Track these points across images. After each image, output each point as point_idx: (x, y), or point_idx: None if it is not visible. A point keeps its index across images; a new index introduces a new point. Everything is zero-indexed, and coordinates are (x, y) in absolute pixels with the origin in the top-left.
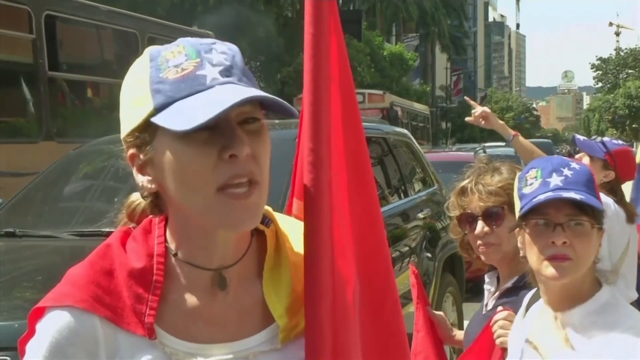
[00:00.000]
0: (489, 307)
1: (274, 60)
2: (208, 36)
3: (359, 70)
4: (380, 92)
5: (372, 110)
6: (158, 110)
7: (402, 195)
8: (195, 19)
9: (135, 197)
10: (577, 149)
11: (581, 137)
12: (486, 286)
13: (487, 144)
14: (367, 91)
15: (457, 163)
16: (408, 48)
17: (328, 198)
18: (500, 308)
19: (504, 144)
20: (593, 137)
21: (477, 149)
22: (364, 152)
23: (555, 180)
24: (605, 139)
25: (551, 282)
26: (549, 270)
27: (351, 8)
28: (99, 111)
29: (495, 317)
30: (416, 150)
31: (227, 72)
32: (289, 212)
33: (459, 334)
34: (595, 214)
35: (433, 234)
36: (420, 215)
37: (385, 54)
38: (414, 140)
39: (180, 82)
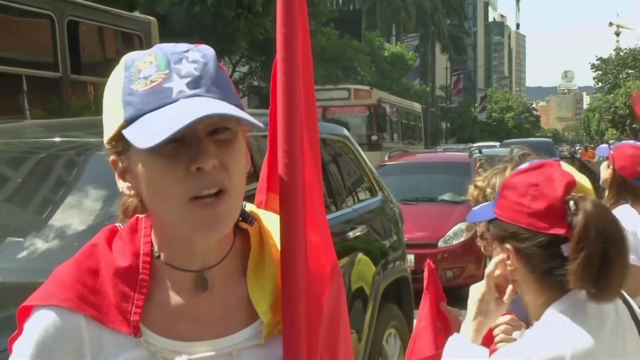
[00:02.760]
0: None
1: (274, 60)
2: (148, 22)
3: (359, 70)
4: (367, 87)
5: (358, 108)
6: (128, 122)
7: (328, 209)
8: (195, 19)
9: None
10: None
11: (604, 146)
12: None
13: (480, 144)
14: (352, 87)
15: (445, 164)
16: (408, 48)
17: (302, 198)
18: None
19: (497, 144)
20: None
21: (472, 149)
22: (319, 152)
23: None
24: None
25: None
26: None
27: (351, 8)
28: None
29: (497, 321)
30: (356, 154)
31: (195, 83)
32: (265, 207)
33: None
34: (490, 228)
35: (369, 256)
36: (351, 234)
37: (386, 54)
38: (354, 141)
39: (148, 94)
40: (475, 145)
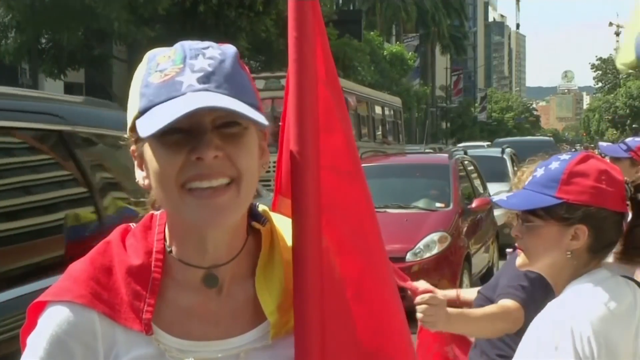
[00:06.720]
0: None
1: (274, 60)
2: None
3: (359, 70)
4: None
5: None
6: (141, 113)
7: None
8: (197, 18)
9: None
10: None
11: (604, 144)
12: None
13: (466, 144)
14: None
15: (422, 167)
16: (408, 48)
17: (314, 199)
18: (423, 287)
19: (485, 144)
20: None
21: (454, 150)
22: (357, 152)
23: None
24: (628, 139)
25: None
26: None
27: (351, 8)
28: None
29: (416, 300)
30: None
31: (205, 78)
32: (274, 209)
33: (465, 293)
34: (550, 213)
35: None
36: None
37: (385, 54)
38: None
39: (160, 87)
40: (460, 145)
